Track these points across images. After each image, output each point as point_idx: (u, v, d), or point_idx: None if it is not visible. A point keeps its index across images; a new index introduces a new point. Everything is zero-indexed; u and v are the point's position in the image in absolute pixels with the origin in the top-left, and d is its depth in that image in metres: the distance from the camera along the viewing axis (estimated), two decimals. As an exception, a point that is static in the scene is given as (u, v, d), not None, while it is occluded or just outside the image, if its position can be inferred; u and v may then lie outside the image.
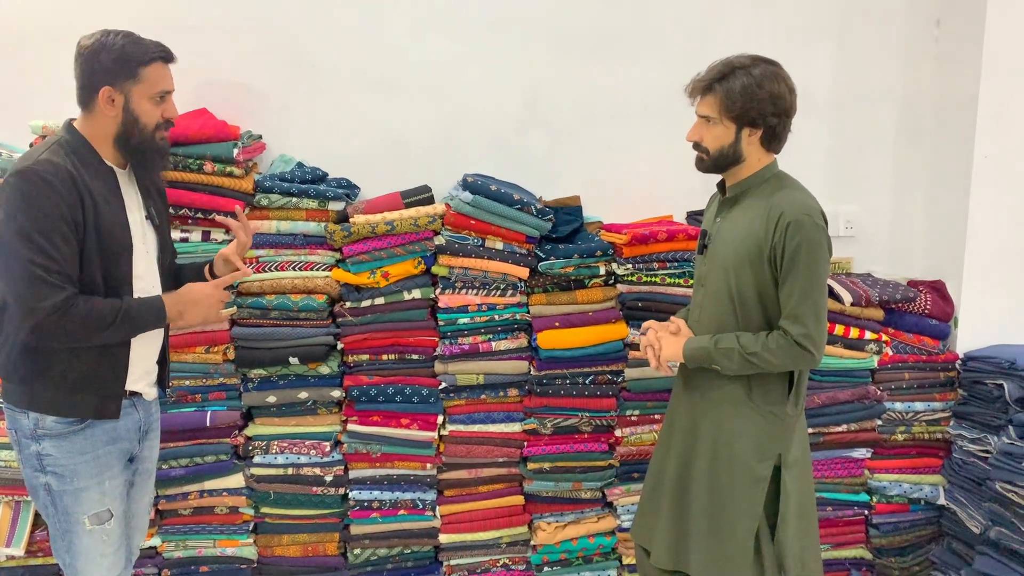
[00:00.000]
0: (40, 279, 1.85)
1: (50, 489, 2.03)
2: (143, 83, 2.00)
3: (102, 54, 1.96)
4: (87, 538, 2.07)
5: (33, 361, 1.98)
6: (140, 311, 2.01)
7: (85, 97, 2.00)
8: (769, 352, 2.10)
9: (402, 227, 2.81)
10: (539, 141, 3.11)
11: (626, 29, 3.08)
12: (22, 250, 1.85)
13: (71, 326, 1.89)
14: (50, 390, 1.99)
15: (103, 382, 2.05)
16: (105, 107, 1.98)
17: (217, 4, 2.90)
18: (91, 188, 1.95)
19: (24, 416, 2.01)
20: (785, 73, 2.13)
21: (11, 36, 2.85)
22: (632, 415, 2.99)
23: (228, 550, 2.93)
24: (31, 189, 1.86)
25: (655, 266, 2.93)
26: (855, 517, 3.10)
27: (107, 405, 2.06)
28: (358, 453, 2.91)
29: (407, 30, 2.99)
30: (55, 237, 1.87)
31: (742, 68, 2.10)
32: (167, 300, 2.07)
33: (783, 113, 2.12)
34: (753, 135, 2.14)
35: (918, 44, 3.18)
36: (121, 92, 1.98)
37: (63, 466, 2.02)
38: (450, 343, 2.89)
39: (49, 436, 2.01)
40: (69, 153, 1.96)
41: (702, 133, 2.18)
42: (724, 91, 2.11)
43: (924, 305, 3.07)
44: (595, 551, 3.06)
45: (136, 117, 2.01)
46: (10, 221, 1.86)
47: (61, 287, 1.87)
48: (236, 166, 2.75)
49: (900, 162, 3.26)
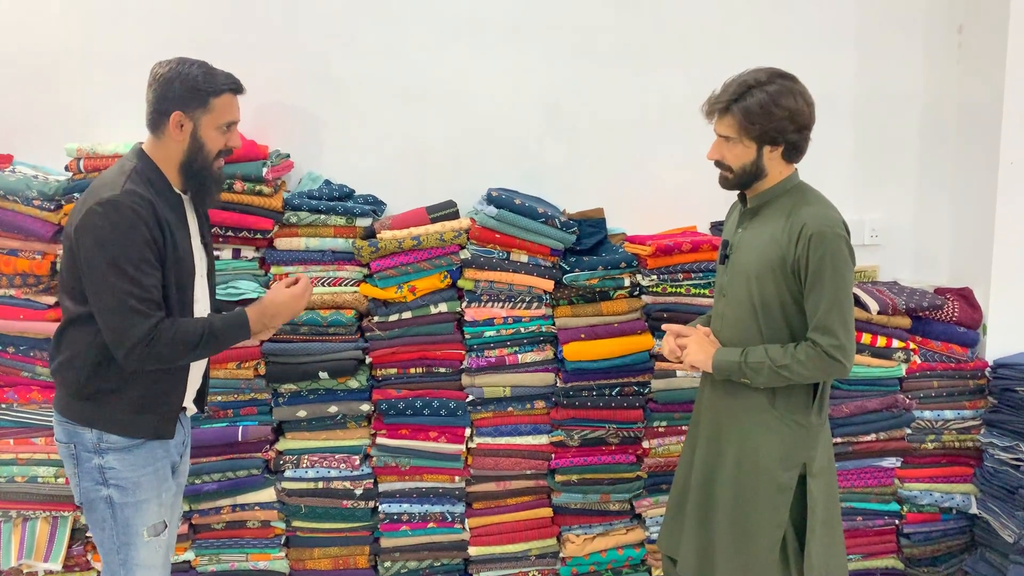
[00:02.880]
0: (133, 309, 1.90)
1: (111, 502, 2.06)
2: (212, 113, 2.05)
3: (176, 82, 2.01)
4: (144, 550, 2.10)
5: (104, 380, 2.02)
6: (225, 328, 2.05)
7: (156, 121, 2.04)
8: (799, 364, 2.10)
9: (428, 242, 2.84)
10: (562, 153, 3.13)
11: (647, 39, 3.09)
12: (115, 281, 1.90)
13: (162, 350, 1.94)
14: (116, 410, 2.03)
15: (165, 403, 2.10)
16: (174, 131, 2.02)
17: (244, 24, 2.95)
18: (167, 216, 2.00)
19: (87, 431, 2.04)
20: (801, 86, 2.12)
21: (45, 59, 2.92)
22: (659, 426, 2.99)
23: (260, 564, 2.96)
24: (120, 220, 1.91)
25: (680, 277, 2.93)
26: (886, 527, 3.08)
27: (166, 426, 2.11)
28: (387, 466, 2.94)
29: (430, 46, 3.03)
30: (144, 266, 1.93)
31: (758, 86, 2.08)
32: (251, 313, 2.11)
33: (802, 128, 2.12)
34: (774, 151, 2.13)
35: (940, 50, 3.17)
36: (191, 119, 2.03)
37: (126, 479, 2.05)
38: (477, 356, 2.91)
39: (113, 450, 2.04)
40: (146, 181, 2.00)
41: (723, 151, 2.18)
42: (742, 111, 2.09)
43: (952, 312, 3.05)
44: (624, 563, 3.06)
45: (202, 144, 2.06)
46: (101, 251, 1.91)
47: (150, 315, 1.92)
48: (265, 184, 2.79)
49: (924, 169, 3.24)
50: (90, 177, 2.75)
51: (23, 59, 2.91)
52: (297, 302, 2.17)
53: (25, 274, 2.76)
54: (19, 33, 2.90)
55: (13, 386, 2.82)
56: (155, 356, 1.94)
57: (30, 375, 2.83)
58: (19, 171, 2.82)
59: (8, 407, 2.81)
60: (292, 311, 2.18)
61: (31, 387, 2.82)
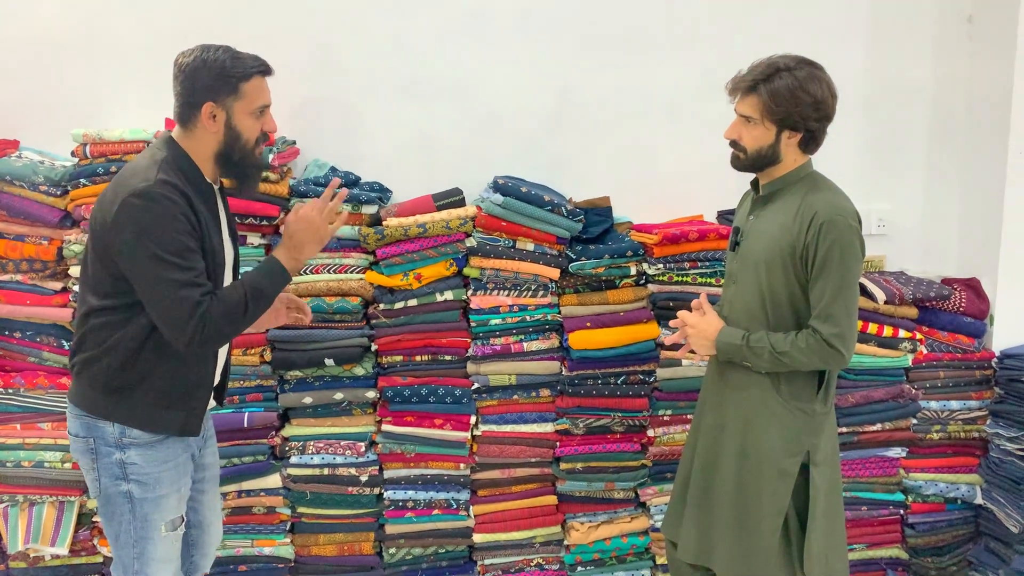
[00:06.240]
0: (185, 298, 1.85)
1: (131, 497, 2.02)
2: (244, 99, 1.97)
3: (202, 71, 1.94)
4: (161, 544, 2.07)
5: (131, 374, 1.97)
6: (262, 280, 1.99)
7: (186, 114, 1.98)
8: (799, 351, 2.10)
9: (434, 229, 2.84)
10: (568, 142, 3.12)
11: (654, 28, 3.08)
12: (164, 273, 1.84)
13: (221, 327, 1.89)
14: (141, 405, 2.00)
15: (193, 397, 2.06)
16: (207, 123, 1.96)
17: (250, 11, 2.94)
18: (199, 208, 1.95)
19: (109, 425, 1.99)
20: (828, 76, 2.11)
21: (50, 44, 2.91)
22: (664, 415, 2.99)
23: (266, 550, 2.97)
24: (160, 210, 1.85)
25: (686, 266, 2.93)
26: (891, 517, 3.08)
27: (192, 422, 2.07)
28: (392, 453, 2.94)
29: (436, 34, 3.02)
30: (188, 254, 1.88)
31: (787, 70, 2.07)
32: (278, 253, 2.04)
33: (824, 118, 2.11)
34: (792, 138, 2.13)
35: (950, 40, 3.15)
36: (223, 108, 1.96)
37: (147, 474, 2.02)
38: (482, 344, 2.92)
39: (136, 445, 2.00)
40: (178, 171, 1.94)
41: (741, 132, 2.17)
42: (768, 93, 2.07)
43: (959, 303, 3.05)
44: (628, 551, 3.07)
45: (238, 133, 1.99)
46: (144, 244, 1.85)
47: (201, 300, 1.87)
48: (272, 171, 2.79)
49: (933, 159, 3.23)
50: (96, 163, 2.75)
51: (28, 44, 2.90)
52: (311, 222, 2.04)
53: (32, 259, 2.77)
54: (24, 18, 2.90)
55: (20, 371, 2.83)
56: (215, 335, 1.90)
57: (36, 360, 2.83)
58: (25, 157, 2.82)
59: (15, 392, 2.81)
60: (313, 234, 2.05)
61: (37, 372, 2.82)
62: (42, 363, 2.84)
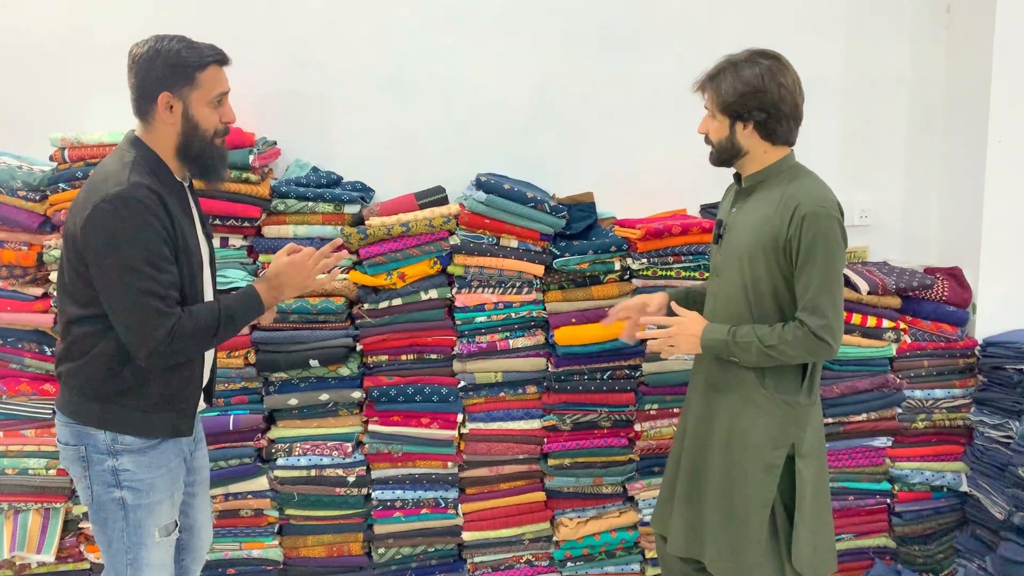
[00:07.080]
0: (152, 309, 1.82)
1: (124, 504, 2.00)
2: (201, 88, 1.95)
3: (157, 61, 1.91)
4: (155, 550, 2.05)
5: (120, 381, 1.95)
6: (238, 307, 1.99)
7: (143, 107, 1.94)
8: (787, 344, 2.10)
9: (417, 228, 2.83)
10: (551, 138, 3.12)
11: (635, 23, 3.08)
12: (132, 281, 1.82)
13: (186, 345, 1.89)
14: (133, 411, 1.97)
15: (182, 398, 2.04)
16: (165, 114, 1.93)
17: (228, 10, 2.92)
18: (173, 208, 1.92)
19: (100, 432, 1.97)
20: (781, 67, 2.12)
21: (28, 48, 2.88)
22: (651, 409, 2.99)
23: (254, 552, 2.96)
24: (131, 215, 1.82)
25: (670, 260, 2.93)
26: (877, 506, 3.09)
27: (183, 424, 2.06)
28: (380, 453, 2.93)
29: (416, 32, 3.01)
30: (160, 262, 1.85)
31: (732, 65, 2.14)
32: (259, 287, 2.04)
33: (771, 107, 2.11)
34: (746, 128, 2.15)
35: (928, 30, 3.17)
36: (179, 98, 1.93)
37: (140, 480, 2.00)
38: (468, 342, 2.91)
39: (128, 452, 1.98)
40: (149, 172, 1.91)
41: (707, 126, 2.22)
42: (714, 87, 2.15)
43: (941, 292, 3.06)
44: (618, 546, 3.07)
45: (196, 123, 1.96)
46: (114, 251, 1.82)
47: (171, 312, 1.85)
48: (253, 172, 2.78)
49: (913, 149, 3.25)
50: (75, 167, 2.73)
51: (4, 48, 2.88)
52: (299, 269, 2.06)
53: (11, 265, 2.75)
54: (1, 22, 2.87)
55: (2, 378, 2.80)
56: (179, 352, 1.89)
57: (18, 367, 2.80)
58: (3, 161, 2.79)
59: (-3, 399, 2.79)
60: (298, 281, 2.07)
61: (20, 379, 2.80)
62: (24, 369, 2.81)
